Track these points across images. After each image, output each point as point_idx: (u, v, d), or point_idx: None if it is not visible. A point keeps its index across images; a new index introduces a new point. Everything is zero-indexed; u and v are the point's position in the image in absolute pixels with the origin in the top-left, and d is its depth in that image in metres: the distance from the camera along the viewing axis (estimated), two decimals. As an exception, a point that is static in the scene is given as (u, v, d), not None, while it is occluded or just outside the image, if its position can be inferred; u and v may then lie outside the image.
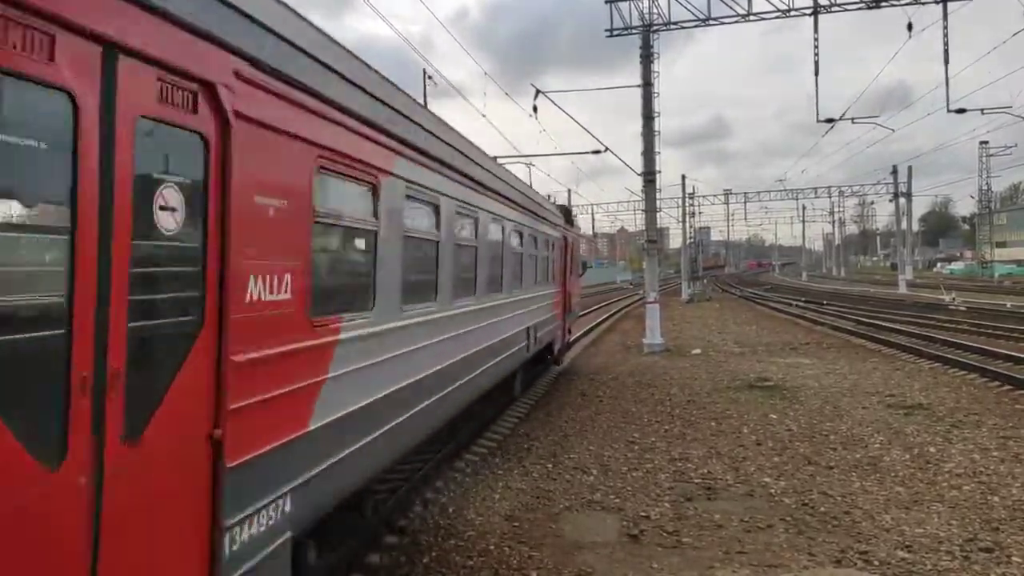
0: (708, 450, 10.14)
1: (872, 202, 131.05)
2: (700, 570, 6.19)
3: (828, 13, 23.33)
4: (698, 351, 21.81)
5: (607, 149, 26.18)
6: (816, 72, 25.13)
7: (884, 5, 22.54)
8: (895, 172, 61.80)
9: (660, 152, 23.17)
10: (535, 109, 24.90)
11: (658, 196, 24.19)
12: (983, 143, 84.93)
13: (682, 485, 8.59)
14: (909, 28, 23.08)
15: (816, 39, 24.36)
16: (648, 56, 23.21)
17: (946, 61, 23.70)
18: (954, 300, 37.95)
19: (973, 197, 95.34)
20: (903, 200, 64.01)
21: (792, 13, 23.21)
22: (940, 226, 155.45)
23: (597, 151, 26.51)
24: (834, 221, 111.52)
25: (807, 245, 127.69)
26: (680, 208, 60.08)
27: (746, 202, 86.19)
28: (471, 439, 10.59)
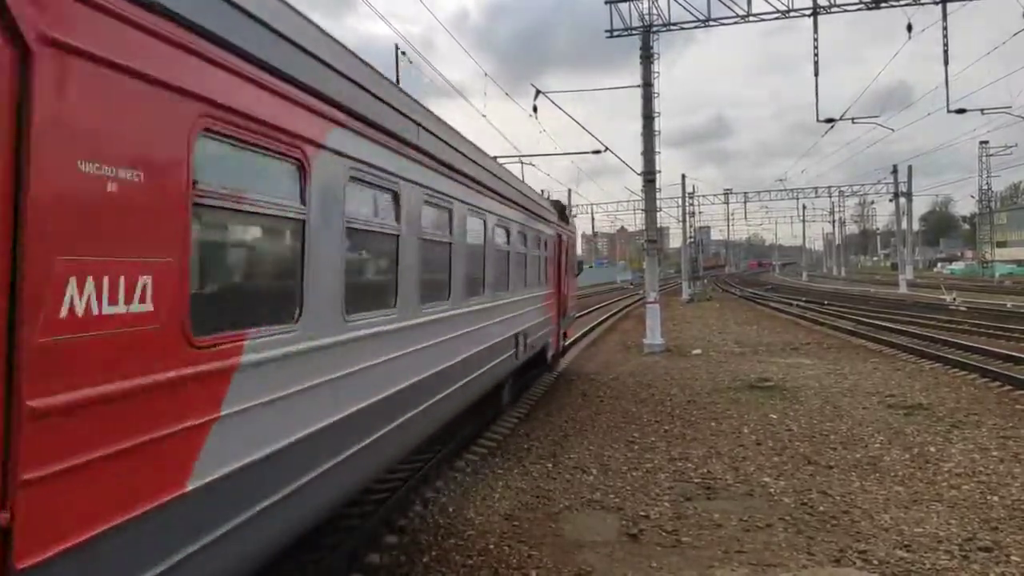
0: (708, 450, 10.15)
1: (872, 202, 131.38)
2: (699, 569, 6.20)
3: (827, 14, 23.36)
4: (698, 351, 21.82)
5: (607, 149, 26.23)
6: (816, 72, 25.18)
7: (884, 6, 22.55)
8: (895, 172, 61.82)
9: (660, 152, 23.22)
10: (535, 109, 24.96)
11: (658, 196, 24.22)
12: (983, 143, 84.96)
13: (682, 485, 8.60)
14: (909, 29, 23.11)
15: (816, 39, 24.40)
16: (648, 56, 23.23)
17: (946, 61, 23.75)
18: (955, 300, 37.94)
19: (973, 197, 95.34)
20: (903, 200, 64.03)
21: (791, 14, 23.23)
22: (940, 226, 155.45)
23: (597, 151, 26.56)
24: (834, 221, 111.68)
25: (807, 245, 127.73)
26: (680, 208, 60.14)
27: (746, 202, 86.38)
28: (471, 439, 10.60)
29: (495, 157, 13.35)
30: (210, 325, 3.45)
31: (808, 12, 23.28)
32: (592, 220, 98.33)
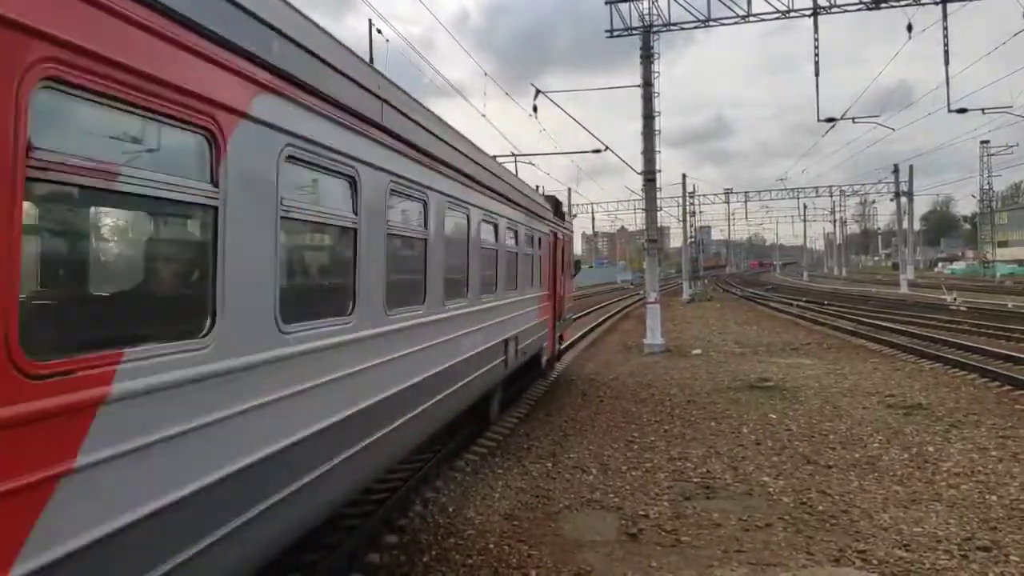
0: (707, 449, 10.16)
1: (873, 201, 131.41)
2: (699, 569, 6.22)
3: (828, 14, 23.36)
4: (698, 351, 21.83)
5: (607, 148, 26.25)
6: (816, 72, 25.19)
7: (884, 6, 22.56)
8: (896, 171, 61.80)
9: (660, 151, 23.24)
10: (535, 109, 24.98)
11: (658, 195, 24.24)
12: (984, 142, 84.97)
13: (681, 484, 8.61)
14: (909, 29, 23.11)
15: (816, 40, 24.41)
16: (648, 56, 23.25)
17: (946, 61, 23.74)
18: (955, 300, 37.92)
19: (974, 196, 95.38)
20: (904, 199, 64.09)
21: (792, 14, 23.24)
22: (941, 225, 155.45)
23: (597, 150, 26.58)
24: (835, 220, 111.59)
25: (808, 244, 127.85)
26: (680, 207, 60.14)
27: (747, 201, 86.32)
28: (471, 439, 10.62)
29: (495, 156, 13.29)
30: (56, 342, 2.74)
31: (808, 12, 23.29)
32: (592, 220, 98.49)
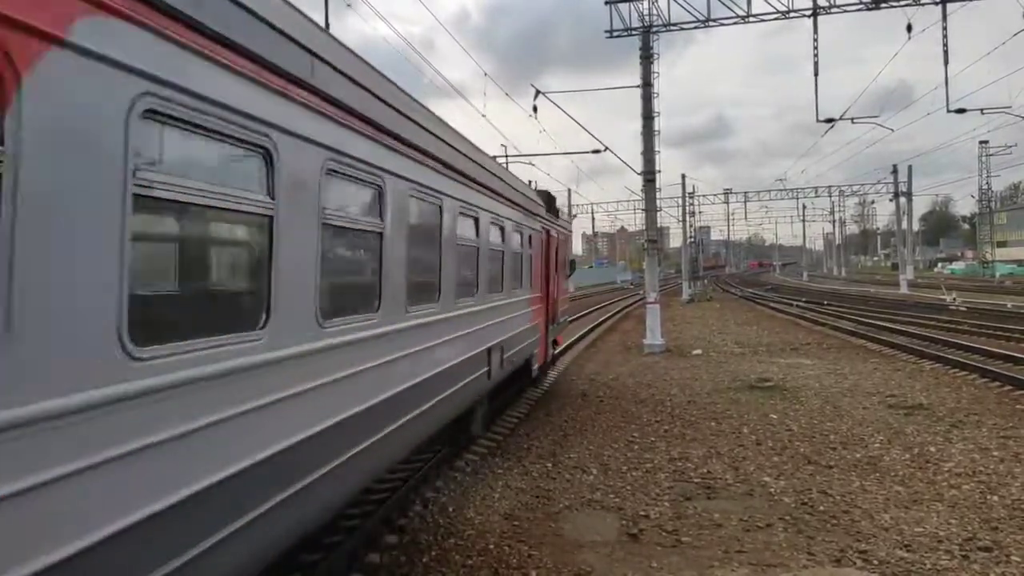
0: (708, 450, 10.15)
1: (872, 202, 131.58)
2: (699, 569, 6.20)
3: (827, 14, 23.36)
4: (699, 351, 21.81)
5: (607, 148, 26.24)
6: (816, 73, 25.19)
7: (884, 6, 22.56)
8: (895, 171, 61.83)
9: (660, 151, 23.26)
10: (535, 109, 24.99)
11: (658, 195, 24.24)
12: (983, 143, 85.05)
13: (682, 484, 8.59)
14: (909, 29, 23.11)
15: (816, 40, 24.41)
16: (648, 57, 23.25)
17: (946, 62, 23.76)
18: (955, 300, 37.92)
19: (973, 197, 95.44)
20: (903, 200, 64.07)
21: (791, 15, 23.24)
22: (941, 226, 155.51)
23: (597, 150, 26.58)
24: (834, 221, 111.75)
25: (808, 245, 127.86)
26: (680, 207, 60.15)
27: (746, 201, 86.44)
28: (471, 439, 10.59)
29: (495, 156, 13.19)
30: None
31: (808, 12, 23.29)
32: (592, 220, 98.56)
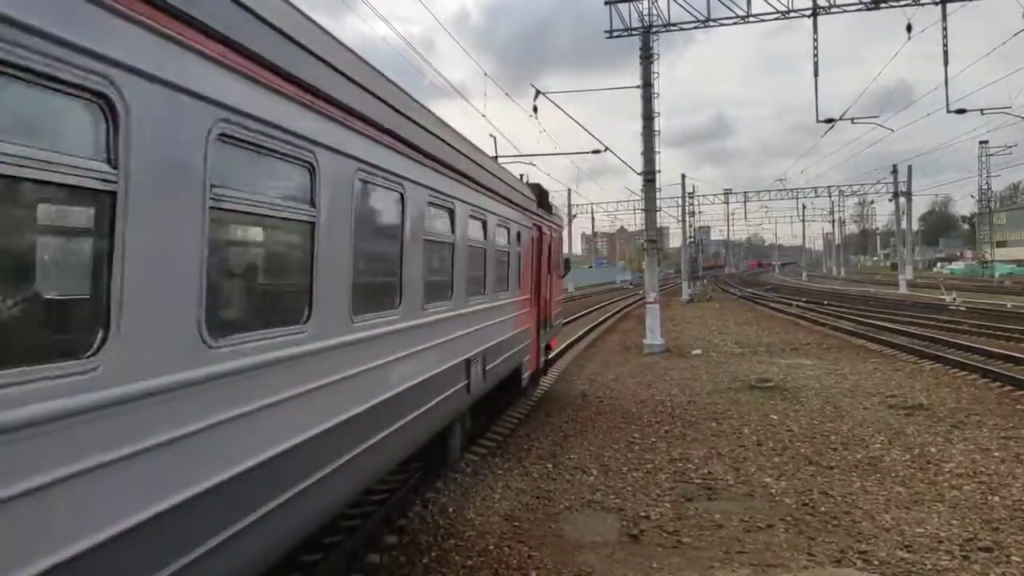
0: (708, 450, 10.14)
1: (872, 202, 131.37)
2: (700, 570, 6.19)
3: (827, 14, 23.36)
4: (698, 352, 21.81)
5: (607, 149, 26.22)
6: (816, 73, 25.19)
7: (883, 6, 22.55)
8: (895, 172, 61.85)
9: (660, 152, 23.27)
10: (535, 109, 24.98)
11: (658, 195, 24.24)
12: (983, 143, 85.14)
13: (682, 485, 8.58)
14: (908, 29, 23.11)
15: (815, 40, 24.40)
16: (648, 57, 23.25)
17: (945, 62, 23.75)
18: (955, 300, 37.93)
19: (973, 197, 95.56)
20: (903, 200, 64.07)
21: (791, 15, 23.24)
22: (940, 226, 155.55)
23: (597, 151, 26.55)
24: (834, 221, 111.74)
25: (807, 245, 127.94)
26: (680, 207, 60.17)
27: (746, 202, 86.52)
28: (471, 440, 10.58)
29: (495, 157, 13.15)
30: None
31: (808, 12, 23.29)
32: (592, 220, 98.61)
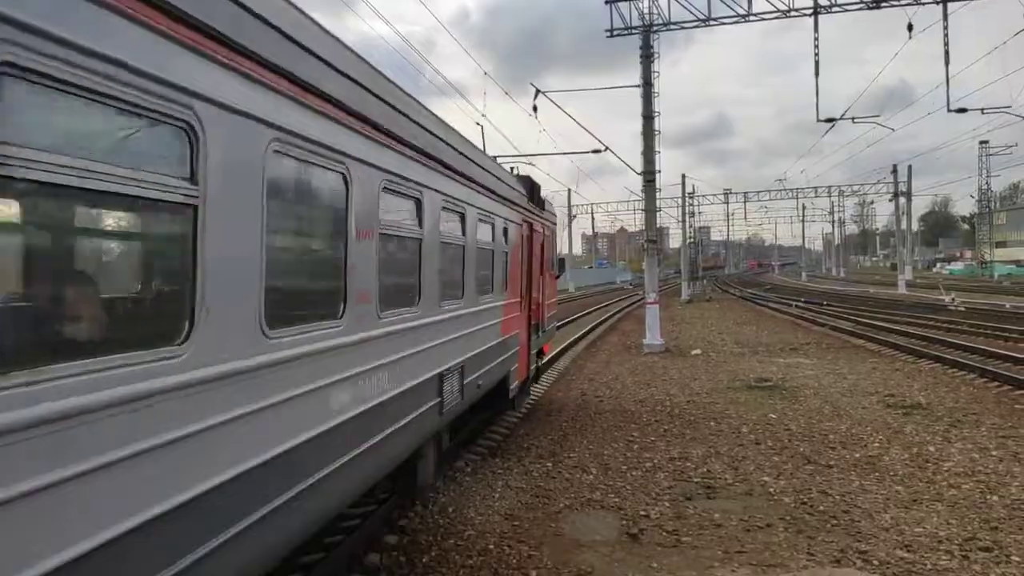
0: (707, 449, 10.15)
1: (872, 202, 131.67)
2: (699, 570, 6.20)
3: (828, 14, 23.36)
4: (698, 351, 21.82)
5: (607, 148, 26.20)
6: (816, 72, 25.18)
7: (884, 6, 22.56)
8: (895, 171, 61.88)
9: (660, 152, 23.28)
10: (535, 109, 24.95)
11: (658, 196, 24.24)
12: (983, 142, 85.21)
13: (682, 484, 8.60)
14: (909, 28, 23.11)
15: (816, 39, 24.41)
16: (648, 56, 23.25)
17: (946, 61, 23.73)
18: (954, 300, 37.95)
19: (973, 197, 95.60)
20: (903, 200, 64.08)
21: (792, 14, 23.24)
22: (940, 226, 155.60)
23: (597, 150, 26.52)
24: (834, 221, 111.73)
25: (807, 245, 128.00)
26: (680, 208, 60.18)
27: (746, 202, 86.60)
28: (471, 439, 10.59)
29: (495, 157, 13.06)
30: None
31: (809, 12, 23.29)
32: (592, 220, 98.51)
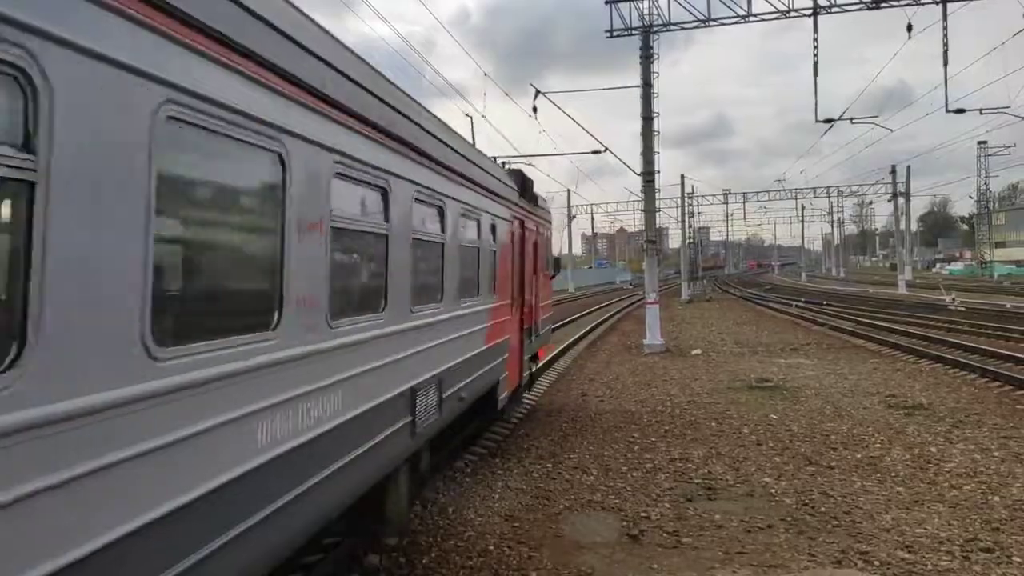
0: (708, 450, 10.13)
1: (871, 202, 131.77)
2: (700, 571, 6.18)
3: (828, 14, 23.35)
4: (698, 351, 21.80)
5: (607, 149, 26.19)
6: (816, 72, 25.14)
7: (884, 6, 22.55)
8: (894, 172, 61.86)
9: (659, 152, 23.29)
10: (535, 109, 24.95)
11: (657, 196, 24.23)
12: (982, 143, 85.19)
13: (682, 485, 8.57)
14: (909, 29, 23.09)
15: (816, 39, 24.40)
16: (648, 57, 23.25)
17: (945, 62, 23.71)
18: (954, 301, 37.95)
19: (972, 197, 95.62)
20: (902, 200, 64.07)
21: (792, 14, 23.23)
22: (939, 226, 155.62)
23: (597, 151, 26.51)
24: (833, 221, 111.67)
25: (807, 245, 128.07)
26: (679, 208, 60.18)
27: (745, 202, 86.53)
28: (471, 439, 10.57)
29: (494, 158, 13.03)
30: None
31: (808, 12, 23.28)
32: (592, 220, 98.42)
